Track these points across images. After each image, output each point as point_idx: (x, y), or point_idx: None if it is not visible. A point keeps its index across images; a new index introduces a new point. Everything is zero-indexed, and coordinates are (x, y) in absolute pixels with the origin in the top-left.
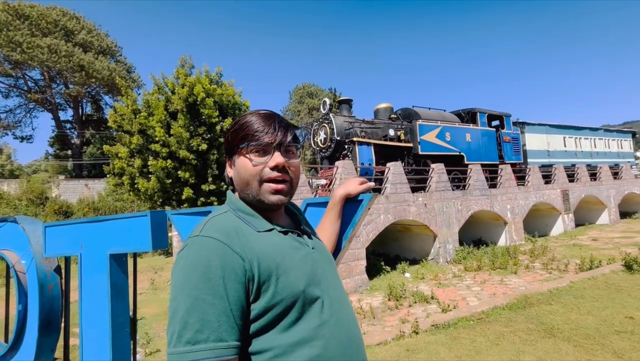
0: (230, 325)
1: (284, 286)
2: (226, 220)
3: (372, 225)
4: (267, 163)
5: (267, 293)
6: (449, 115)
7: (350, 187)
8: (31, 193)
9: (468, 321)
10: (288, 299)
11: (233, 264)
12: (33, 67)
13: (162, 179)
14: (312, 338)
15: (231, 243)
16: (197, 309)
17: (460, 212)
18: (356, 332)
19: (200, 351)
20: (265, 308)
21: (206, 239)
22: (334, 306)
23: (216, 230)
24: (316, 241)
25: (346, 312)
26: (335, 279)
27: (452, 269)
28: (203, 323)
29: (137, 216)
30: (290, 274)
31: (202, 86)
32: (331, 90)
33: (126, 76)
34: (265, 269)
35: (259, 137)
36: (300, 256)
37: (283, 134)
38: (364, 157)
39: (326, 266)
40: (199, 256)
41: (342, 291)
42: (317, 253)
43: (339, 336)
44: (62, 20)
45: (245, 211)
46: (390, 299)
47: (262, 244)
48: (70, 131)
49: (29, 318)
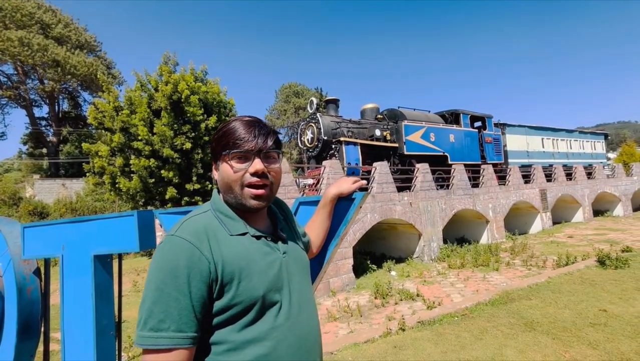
0: (190, 318)
1: (244, 290)
2: (202, 221)
3: (359, 224)
4: (247, 169)
5: (229, 293)
6: (434, 116)
7: (342, 186)
8: (3, 193)
9: (453, 317)
10: (246, 302)
11: (199, 266)
12: (4, 60)
13: (145, 178)
14: (263, 338)
15: (200, 246)
16: (162, 301)
17: (444, 211)
18: (311, 336)
19: (160, 338)
20: (226, 307)
21: (178, 239)
22: (292, 311)
23: (189, 232)
24: (292, 245)
25: (305, 317)
26: (303, 284)
27: (437, 267)
28: (166, 314)
29: (123, 216)
30: (252, 279)
31: (187, 83)
32: (317, 89)
33: (106, 72)
34: (228, 272)
35: (240, 145)
36: (268, 261)
37: (263, 141)
38: (351, 157)
39: (295, 271)
40: (170, 255)
41: (307, 296)
42: (288, 258)
43: (290, 339)
44: (38, 13)
45: (225, 213)
46: (377, 298)
47: (230, 248)
48: (45, 129)
49: (7, 323)
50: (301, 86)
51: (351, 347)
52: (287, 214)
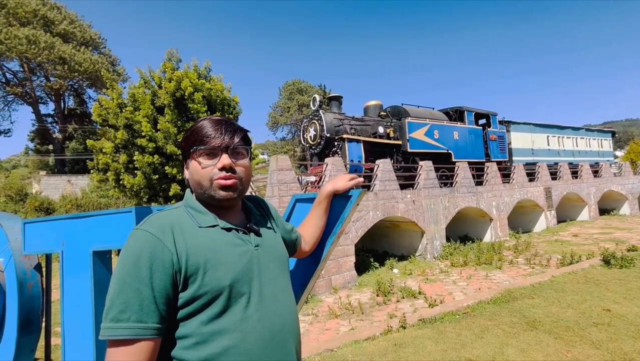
0: (151, 309)
1: (209, 281)
2: (168, 216)
3: (361, 222)
4: (215, 165)
5: (194, 284)
6: (438, 113)
7: (338, 183)
8: (10, 189)
9: (454, 315)
10: (212, 293)
11: (162, 257)
12: (11, 58)
13: (149, 174)
14: (231, 330)
15: (163, 238)
16: (123, 293)
17: (447, 209)
18: (285, 328)
19: (120, 328)
20: (191, 298)
21: (142, 232)
22: (263, 302)
23: (153, 225)
24: (266, 238)
25: (276, 309)
26: (277, 276)
27: (439, 265)
28: (126, 305)
29: (122, 212)
30: (218, 270)
31: (190, 80)
32: (321, 87)
33: (110, 68)
34: (193, 263)
35: (207, 141)
36: (237, 253)
37: (230, 137)
38: (354, 154)
39: (269, 263)
40: (134, 247)
41: (282, 288)
42: (260, 250)
43: (260, 330)
44: (42, 10)
45: (195, 207)
46: (379, 295)
47: (196, 239)
48: (51, 125)
49: (8, 318)
50: (305, 83)
51: (352, 344)
52: (266, 210)
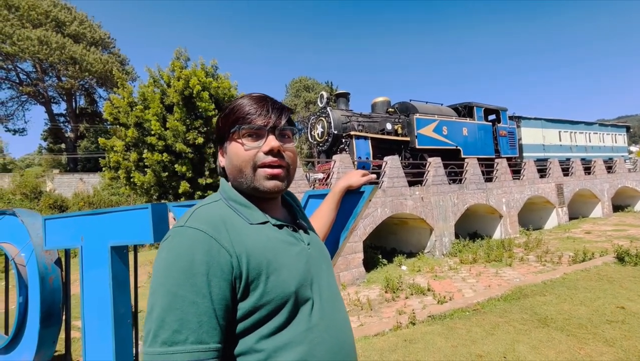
0: (212, 325)
1: (274, 286)
2: (216, 210)
3: (369, 219)
4: (260, 148)
5: (256, 292)
6: (446, 109)
7: (352, 179)
8: (25, 187)
9: (464, 312)
10: (278, 300)
11: (219, 260)
12: (24, 59)
13: (159, 172)
14: (299, 342)
15: (218, 236)
16: (176, 307)
17: (456, 205)
18: (348, 338)
19: (177, 353)
20: (253, 308)
21: (191, 230)
22: (325, 309)
23: (203, 221)
24: (312, 236)
25: (338, 315)
26: (330, 277)
27: (448, 262)
28: (182, 322)
29: (138, 208)
30: (281, 273)
31: (198, 78)
32: (328, 83)
33: (120, 68)
34: (254, 266)
35: (251, 119)
36: (295, 252)
37: (277, 116)
38: (361, 151)
39: (321, 264)
40: (183, 249)
41: (336, 292)
42: (312, 250)
43: (328, 341)
44: (53, 11)
45: (238, 200)
46: (387, 292)
47: (253, 238)
48: (64, 125)
49: (30, 311)
50: (311, 80)
51: (361, 340)
52: (300, 206)
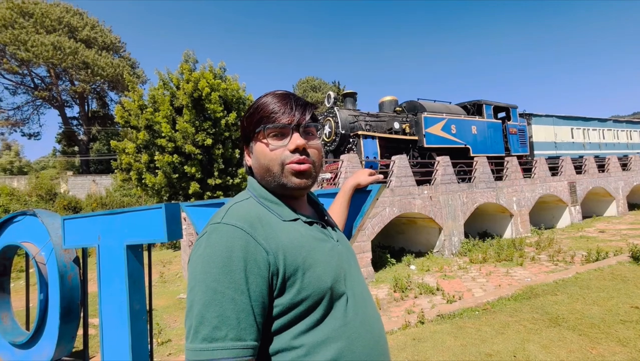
0: (249, 322)
1: (310, 282)
2: (249, 207)
3: (378, 218)
4: (286, 146)
5: (293, 288)
6: (455, 107)
7: (360, 177)
8: (40, 189)
9: (473, 311)
10: (314, 296)
11: (256, 257)
12: (38, 64)
13: (169, 174)
14: (337, 338)
15: (255, 233)
16: (215, 304)
17: (465, 205)
18: (382, 332)
19: (217, 350)
20: (290, 305)
21: (229, 227)
22: (358, 304)
23: (239, 218)
24: (339, 233)
25: (371, 311)
26: (359, 274)
27: (458, 261)
28: (221, 319)
29: (152, 208)
30: (317, 269)
31: (207, 80)
32: (335, 83)
33: (130, 71)
34: (291, 262)
35: (276, 118)
36: (327, 249)
37: (301, 113)
38: (369, 151)
39: (350, 260)
40: (221, 245)
41: (366, 288)
42: (341, 246)
43: (365, 336)
44: (66, 17)
45: (269, 198)
46: (396, 291)
47: (287, 235)
48: (77, 128)
49: (50, 307)
50: (318, 80)
51: None
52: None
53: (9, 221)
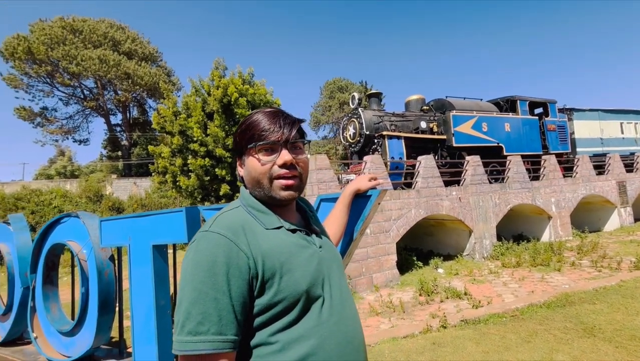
0: (230, 320)
1: (287, 285)
2: (236, 216)
3: (403, 220)
4: (275, 161)
5: (271, 290)
6: (486, 104)
7: (360, 183)
8: (89, 191)
9: (500, 317)
10: (290, 298)
11: (238, 262)
12: (87, 76)
13: (201, 176)
14: (310, 336)
15: (237, 240)
16: (200, 302)
17: (498, 206)
18: (356, 333)
19: (199, 342)
20: (268, 305)
21: (214, 235)
22: (334, 307)
23: (224, 227)
24: (324, 239)
25: (348, 313)
26: (340, 278)
27: (489, 265)
28: (204, 316)
29: (174, 212)
30: (294, 274)
31: (235, 86)
32: (362, 83)
33: (166, 79)
34: (269, 267)
35: (265, 136)
36: (307, 255)
37: (289, 131)
38: (394, 151)
39: (332, 265)
40: (206, 251)
41: (346, 292)
42: (324, 252)
43: (337, 336)
44: (110, 32)
45: (256, 207)
46: (422, 295)
47: (268, 241)
48: (120, 134)
49: (90, 300)
50: (345, 81)
51: (389, 341)
52: (313, 211)
53: (56, 222)
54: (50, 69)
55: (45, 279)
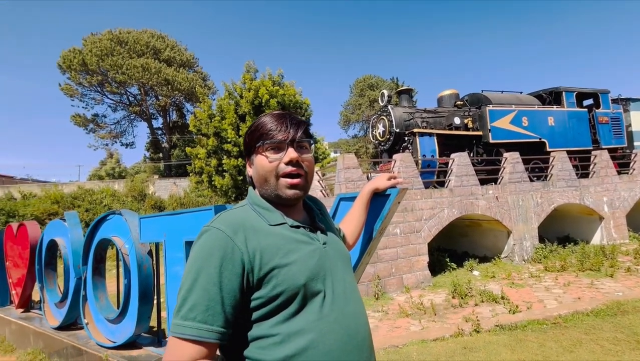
0: (217, 311)
1: (285, 279)
2: (239, 214)
3: (435, 220)
4: (282, 159)
5: (269, 284)
6: (527, 97)
7: (378, 182)
8: (134, 191)
9: (540, 324)
10: (289, 292)
11: (233, 256)
12: (132, 84)
13: (235, 176)
14: (309, 330)
15: (234, 237)
16: (193, 291)
17: (540, 205)
18: (359, 330)
19: (187, 327)
20: (267, 299)
21: (214, 230)
22: (336, 302)
23: (225, 223)
24: (331, 236)
25: (350, 309)
26: (345, 275)
27: (530, 268)
28: (195, 304)
29: (204, 210)
30: (292, 268)
31: (266, 88)
32: (393, 80)
33: (202, 84)
34: (267, 261)
35: (273, 135)
36: (308, 250)
37: (295, 131)
38: (426, 149)
39: (337, 262)
40: (206, 245)
41: (351, 288)
42: (328, 248)
43: (337, 331)
44: (152, 42)
45: (261, 205)
46: (455, 297)
47: (269, 237)
48: (160, 137)
49: (132, 291)
50: (376, 78)
51: (418, 343)
52: (323, 210)
53: (103, 219)
54: (101, 78)
55: (94, 271)
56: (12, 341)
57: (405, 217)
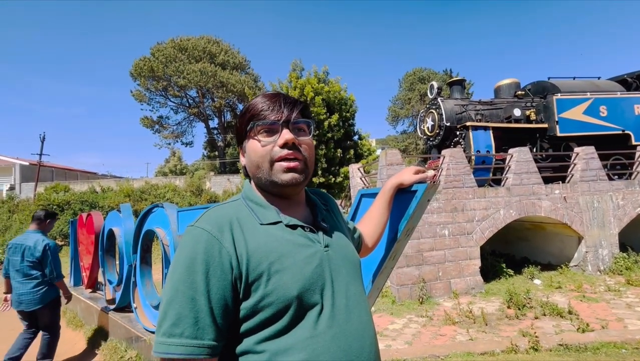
0: (207, 323)
1: (275, 288)
2: (228, 210)
3: (489, 221)
4: (275, 142)
5: (257, 293)
6: (606, 83)
7: (403, 176)
8: (192, 186)
9: (617, 348)
10: (278, 304)
11: (220, 260)
12: (191, 88)
13: None
14: (300, 349)
15: (221, 237)
16: (176, 302)
17: (621, 208)
18: (362, 351)
19: (172, 345)
20: (255, 310)
21: (197, 230)
22: (336, 317)
23: (210, 221)
24: (336, 238)
25: (353, 326)
26: (351, 283)
27: (607, 280)
28: (179, 317)
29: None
30: (284, 276)
31: (311, 86)
32: (446, 72)
33: (253, 85)
34: (254, 267)
35: (265, 115)
36: (304, 255)
37: (289, 110)
38: (481, 144)
39: (341, 269)
40: (188, 248)
41: (355, 300)
42: (331, 252)
43: (334, 352)
44: (208, 47)
45: (255, 200)
46: (510, 307)
47: (257, 239)
48: (216, 136)
49: None
50: (427, 71)
51: (463, 355)
52: (331, 206)
53: (149, 212)
54: (165, 83)
55: (142, 260)
56: (82, 317)
57: (455, 217)
